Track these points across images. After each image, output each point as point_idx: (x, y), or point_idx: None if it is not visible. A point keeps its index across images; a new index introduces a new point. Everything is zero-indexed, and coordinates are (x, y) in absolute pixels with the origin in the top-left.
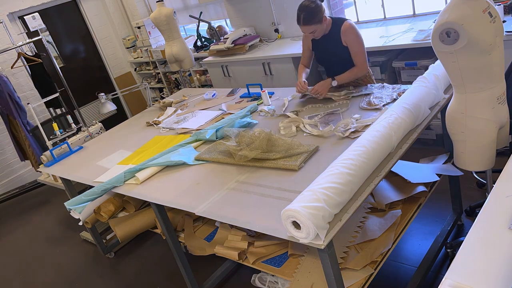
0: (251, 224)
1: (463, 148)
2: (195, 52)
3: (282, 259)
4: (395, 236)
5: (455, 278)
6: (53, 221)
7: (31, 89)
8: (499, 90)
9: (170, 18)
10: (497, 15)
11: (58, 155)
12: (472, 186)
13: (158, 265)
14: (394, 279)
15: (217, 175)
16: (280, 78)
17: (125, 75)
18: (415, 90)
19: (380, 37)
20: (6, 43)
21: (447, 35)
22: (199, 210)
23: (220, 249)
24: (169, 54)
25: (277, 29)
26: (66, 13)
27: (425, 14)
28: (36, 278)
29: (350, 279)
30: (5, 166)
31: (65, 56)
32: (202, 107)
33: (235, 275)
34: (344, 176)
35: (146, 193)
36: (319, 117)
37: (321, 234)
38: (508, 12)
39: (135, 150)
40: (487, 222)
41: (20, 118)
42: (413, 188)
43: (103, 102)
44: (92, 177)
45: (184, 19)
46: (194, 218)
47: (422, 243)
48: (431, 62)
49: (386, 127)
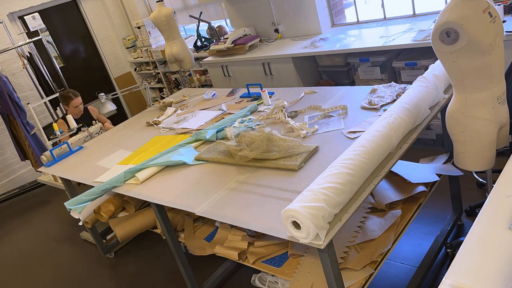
0: (251, 224)
1: (463, 148)
2: (195, 52)
3: (282, 259)
4: (395, 236)
5: (455, 278)
6: (53, 221)
7: (31, 89)
8: (499, 90)
9: (170, 18)
10: (497, 15)
11: (58, 155)
12: (472, 186)
13: (158, 265)
14: (394, 279)
15: (217, 175)
16: (280, 78)
17: (125, 75)
18: (415, 90)
19: (380, 37)
20: (6, 43)
21: (447, 35)
22: (199, 210)
23: (220, 249)
24: (169, 54)
25: (277, 29)
26: (66, 13)
27: (425, 14)
28: (36, 278)
29: (350, 279)
30: (5, 166)
31: (65, 56)
32: (202, 107)
33: (235, 275)
34: (344, 176)
35: (146, 193)
36: (319, 118)
37: (321, 234)
38: (508, 12)
39: (135, 150)
40: (487, 222)
41: (20, 118)
42: (413, 188)
43: (103, 102)
44: (92, 177)
45: (184, 19)
46: (194, 218)
47: (422, 243)
48: (431, 62)
49: (386, 127)
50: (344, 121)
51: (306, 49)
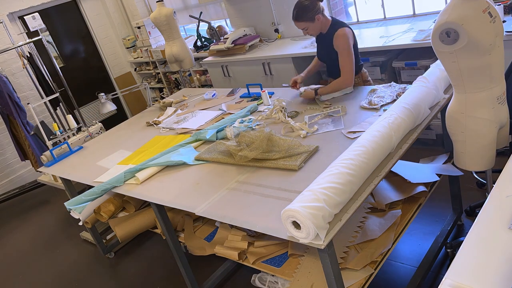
0: (251, 224)
1: (463, 148)
2: (195, 52)
3: (282, 259)
4: (395, 236)
5: (455, 278)
6: (53, 221)
7: (31, 89)
8: (499, 90)
9: (170, 18)
10: (497, 15)
11: (58, 155)
12: (472, 186)
13: (158, 265)
14: (394, 279)
15: (217, 175)
16: (280, 78)
17: (125, 75)
18: (415, 90)
19: (380, 37)
20: (6, 43)
21: (447, 35)
22: (199, 210)
23: (220, 249)
24: (169, 54)
25: (277, 29)
26: (66, 13)
27: (425, 14)
28: (36, 278)
29: (350, 279)
30: (5, 166)
31: (65, 56)
32: (202, 107)
33: (235, 275)
34: (344, 176)
35: (146, 193)
36: (319, 118)
37: (321, 234)
38: (508, 12)
39: (135, 150)
40: (487, 222)
41: (20, 118)
42: (413, 188)
43: (103, 102)
44: (92, 177)
45: (184, 19)
46: (194, 218)
47: (422, 243)
48: (431, 62)
49: (386, 127)
50: (344, 121)
51: (306, 49)
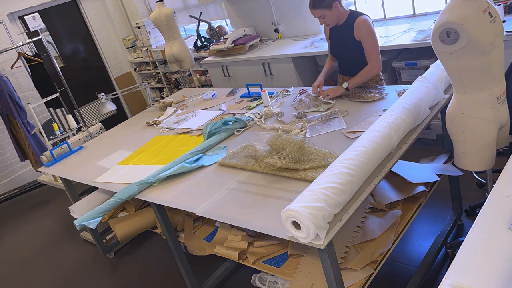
0: (251, 224)
1: (463, 148)
2: (195, 52)
3: (282, 259)
4: (395, 236)
5: (455, 278)
6: (53, 221)
7: (31, 89)
8: (499, 90)
9: (170, 18)
10: (497, 15)
11: (58, 155)
12: (472, 186)
13: (158, 265)
14: (394, 279)
15: (217, 175)
16: (280, 78)
17: (125, 75)
18: (415, 90)
19: (380, 37)
20: (6, 43)
21: (447, 35)
22: (199, 210)
23: (220, 249)
24: (169, 54)
25: (277, 29)
26: (66, 13)
27: (425, 14)
28: (36, 278)
29: (350, 279)
30: (5, 166)
31: (65, 56)
32: (202, 107)
33: (235, 275)
34: (344, 176)
35: (146, 193)
36: (319, 119)
37: (321, 234)
38: (508, 12)
39: (135, 150)
40: (487, 222)
41: (20, 118)
42: (413, 188)
43: (103, 102)
44: (92, 177)
45: (184, 19)
46: (194, 218)
47: (422, 243)
48: (431, 62)
49: (386, 127)
50: (344, 121)
51: (306, 49)
